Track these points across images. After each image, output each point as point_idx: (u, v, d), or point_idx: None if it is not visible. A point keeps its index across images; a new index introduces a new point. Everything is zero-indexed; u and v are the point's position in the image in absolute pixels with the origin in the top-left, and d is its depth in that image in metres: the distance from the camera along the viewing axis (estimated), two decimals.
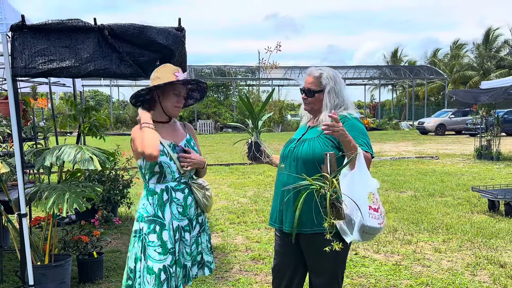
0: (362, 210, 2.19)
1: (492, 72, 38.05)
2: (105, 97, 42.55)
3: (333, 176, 2.16)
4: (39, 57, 3.20)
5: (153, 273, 2.50)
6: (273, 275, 2.77)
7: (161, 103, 2.64)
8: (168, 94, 2.61)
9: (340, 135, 2.23)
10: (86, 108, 4.68)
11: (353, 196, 2.19)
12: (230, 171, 11.52)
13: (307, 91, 2.59)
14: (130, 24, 3.42)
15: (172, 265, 2.56)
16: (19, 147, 3.33)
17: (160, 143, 2.57)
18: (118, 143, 7.16)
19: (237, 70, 36.09)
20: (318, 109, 2.59)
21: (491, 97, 12.19)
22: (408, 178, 9.93)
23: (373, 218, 2.23)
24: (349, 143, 2.26)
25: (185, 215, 2.64)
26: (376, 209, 2.26)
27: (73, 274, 4.12)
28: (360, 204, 2.19)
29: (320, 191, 2.13)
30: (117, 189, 6.28)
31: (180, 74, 2.63)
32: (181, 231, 2.64)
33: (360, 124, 2.53)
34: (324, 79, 2.56)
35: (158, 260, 2.51)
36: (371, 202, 2.25)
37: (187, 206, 2.65)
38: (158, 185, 2.58)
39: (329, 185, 2.14)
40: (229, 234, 5.73)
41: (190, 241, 2.69)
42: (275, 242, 2.75)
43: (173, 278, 2.56)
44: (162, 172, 2.58)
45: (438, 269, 4.41)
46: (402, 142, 20.64)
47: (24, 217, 3.33)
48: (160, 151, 2.56)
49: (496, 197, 6.46)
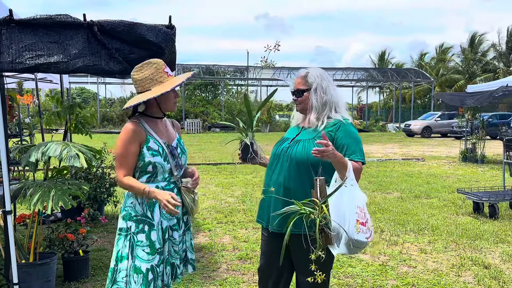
0: (349, 225, 2.21)
1: (477, 76, 38.56)
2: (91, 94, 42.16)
3: (323, 202, 2.18)
4: (26, 52, 3.15)
5: (140, 273, 2.48)
6: (260, 275, 2.77)
7: (159, 104, 2.58)
8: (166, 94, 2.53)
9: (331, 157, 2.25)
10: (71, 105, 4.63)
11: (340, 209, 2.22)
12: (218, 171, 11.49)
13: (296, 91, 2.62)
14: (120, 21, 3.38)
15: (159, 265, 2.54)
16: (5, 143, 3.28)
17: (156, 141, 2.56)
18: (105, 141, 7.09)
19: (226, 69, 36.02)
20: (305, 109, 2.61)
21: (477, 101, 12.36)
22: (395, 180, 10.01)
23: (360, 232, 2.25)
24: (339, 162, 2.29)
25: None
26: (364, 223, 2.27)
27: (58, 272, 4.07)
28: (348, 218, 2.22)
29: (310, 216, 2.16)
30: (103, 187, 6.22)
31: (168, 68, 2.59)
32: (169, 231, 2.62)
33: (354, 130, 2.55)
34: (310, 77, 2.58)
35: (146, 260, 2.50)
36: (359, 216, 2.26)
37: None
38: (148, 185, 2.54)
39: (319, 211, 2.16)
40: (216, 233, 5.71)
41: (179, 239, 2.68)
42: (262, 242, 2.74)
43: (159, 277, 2.55)
44: (154, 172, 2.55)
45: (423, 269, 4.46)
46: (388, 144, 20.81)
47: (9, 214, 3.28)
48: (155, 150, 2.53)
49: (480, 199, 6.55)
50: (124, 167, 2.50)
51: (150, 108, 2.61)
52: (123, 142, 2.50)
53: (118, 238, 2.58)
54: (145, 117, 2.60)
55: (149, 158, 2.51)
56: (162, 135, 2.61)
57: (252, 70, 35.93)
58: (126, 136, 2.50)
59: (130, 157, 2.50)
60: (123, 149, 2.50)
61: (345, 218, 2.21)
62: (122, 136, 2.52)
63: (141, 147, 2.52)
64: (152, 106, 2.60)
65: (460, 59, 42.27)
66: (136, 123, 2.54)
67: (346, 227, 2.21)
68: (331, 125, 2.52)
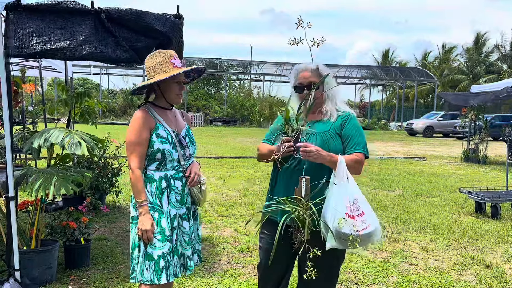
0: (335, 219, 2.25)
1: (481, 76, 38.45)
2: (94, 85, 42.07)
3: (306, 200, 2.26)
4: (33, 37, 3.13)
5: (152, 260, 2.48)
6: (260, 272, 2.74)
7: (162, 93, 2.59)
8: (168, 84, 2.56)
9: (318, 159, 2.32)
10: (78, 93, 4.61)
11: (329, 203, 2.29)
12: (219, 164, 11.48)
13: (310, 85, 2.50)
14: (128, 9, 3.36)
15: (169, 253, 2.53)
16: (9, 129, 3.26)
17: (165, 129, 2.56)
18: (108, 131, 7.08)
19: (229, 63, 35.95)
20: (321, 100, 2.55)
21: (481, 101, 12.33)
22: (396, 178, 10.00)
23: (349, 225, 2.25)
24: (330, 162, 2.35)
25: (182, 203, 2.62)
26: (353, 216, 2.28)
27: (59, 260, 4.06)
28: (336, 212, 2.26)
29: (294, 213, 2.24)
30: (105, 176, 6.21)
31: (177, 60, 2.58)
32: (178, 219, 2.61)
33: (359, 124, 2.59)
34: (322, 70, 2.55)
35: (157, 246, 2.49)
36: (349, 210, 2.29)
37: (184, 194, 2.63)
38: (156, 172, 2.54)
39: (304, 209, 2.23)
40: (218, 226, 5.71)
41: (189, 229, 2.67)
42: (262, 240, 2.68)
43: (171, 265, 2.54)
44: (163, 160, 2.54)
45: (425, 267, 4.45)
46: (390, 142, 20.78)
47: (12, 200, 3.27)
48: (164, 138, 2.53)
49: (483, 199, 6.53)
50: (136, 155, 2.49)
51: (158, 97, 2.63)
52: (135, 129, 2.50)
53: (131, 227, 2.58)
54: (154, 106, 2.61)
55: (158, 145, 2.51)
56: (171, 124, 2.61)
57: (255, 64, 35.87)
58: (137, 123, 2.50)
59: (142, 145, 2.49)
60: (135, 136, 2.49)
61: (333, 213, 2.26)
62: (133, 124, 2.52)
63: (150, 134, 2.52)
64: (159, 96, 2.62)
65: (464, 59, 42.16)
66: (145, 111, 2.56)
67: (332, 221, 2.25)
68: (342, 116, 2.54)
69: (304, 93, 2.50)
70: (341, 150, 2.46)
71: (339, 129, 2.50)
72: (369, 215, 2.35)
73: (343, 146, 2.48)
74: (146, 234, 2.45)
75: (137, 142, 2.49)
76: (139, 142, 2.49)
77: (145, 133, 2.50)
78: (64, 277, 3.93)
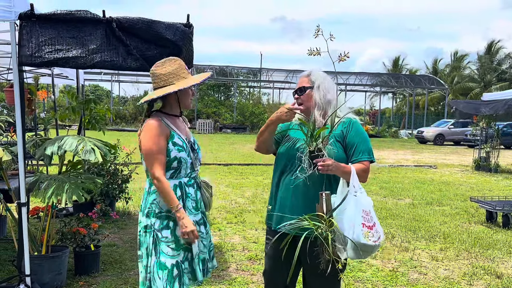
0: (355, 230, 2.24)
1: (493, 84, 38.12)
2: (105, 92, 42.46)
3: (329, 216, 2.23)
4: (46, 46, 3.19)
5: (165, 269, 2.47)
6: (266, 279, 2.74)
7: (179, 99, 2.60)
8: (187, 90, 2.58)
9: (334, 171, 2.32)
10: (86, 100, 4.67)
11: (346, 215, 2.27)
12: (228, 171, 11.50)
13: (299, 89, 2.59)
14: (138, 18, 3.41)
15: (184, 261, 2.53)
16: (22, 135, 3.31)
17: (180, 137, 2.57)
18: (118, 138, 7.14)
19: (239, 71, 36.08)
20: (309, 106, 2.55)
21: (492, 109, 12.22)
22: (406, 186, 9.93)
23: (367, 236, 2.27)
24: (343, 172, 2.35)
25: (197, 209, 2.64)
26: (370, 227, 2.30)
27: (69, 266, 4.10)
28: (354, 223, 2.25)
29: (317, 230, 2.21)
30: (116, 183, 6.26)
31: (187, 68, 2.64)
32: (196, 226, 2.61)
33: (363, 129, 2.57)
34: (313, 76, 2.59)
35: (171, 255, 2.49)
36: (365, 220, 2.29)
37: (198, 200, 2.65)
38: (171, 181, 2.52)
39: (326, 225, 2.21)
40: (226, 233, 5.72)
41: (207, 233, 2.69)
42: (268, 246, 2.68)
43: (184, 274, 2.54)
44: (178, 168, 2.54)
45: (434, 277, 4.41)
46: (400, 150, 20.66)
47: (24, 206, 3.31)
48: (180, 146, 2.54)
49: (494, 209, 6.46)
50: (159, 163, 2.46)
51: (168, 105, 2.62)
52: (153, 138, 2.47)
53: (145, 235, 2.55)
54: (164, 114, 2.60)
55: (175, 154, 2.51)
56: (182, 131, 2.63)
57: (265, 72, 35.96)
58: (154, 132, 2.48)
59: (162, 153, 2.48)
60: (154, 144, 2.46)
61: (351, 224, 2.25)
62: (149, 133, 2.48)
63: (167, 142, 2.51)
64: (171, 102, 2.61)
65: (476, 66, 41.85)
66: (158, 119, 2.54)
67: (351, 232, 2.24)
68: (343, 122, 2.51)
69: (295, 96, 2.59)
70: (343, 157, 2.45)
71: (340, 136, 2.48)
72: (378, 226, 2.36)
73: (348, 154, 2.48)
74: (192, 234, 2.43)
75: (158, 150, 2.46)
76: (159, 150, 2.46)
77: (163, 142, 2.48)
78: (73, 283, 3.96)
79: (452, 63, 43.92)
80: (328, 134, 2.35)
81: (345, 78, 34.53)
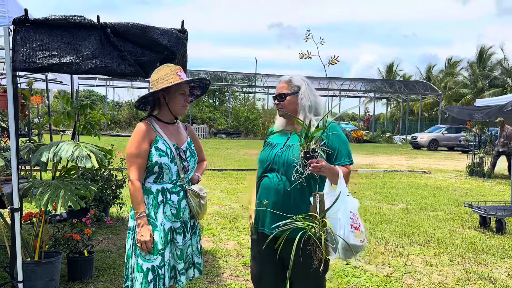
0: (345, 230, 2.31)
1: (485, 90, 38.38)
2: (99, 97, 42.37)
3: (322, 216, 2.27)
4: (40, 52, 3.18)
5: (141, 271, 2.52)
6: (255, 283, 2.75)
7: (168, 105, 2.64)
8: (174, 95, 2.62)
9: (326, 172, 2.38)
10: (82, 106, 4.66)
11: (335, 216, 2.32)
12: (223, 176, 11.49)
13: (279, 96, 2.64)
14: (133, 24, 3.41)
15: (161, 267, 2.54)
16: (15, 141, 3.30)
17: (165, 142, 2.59)
18: (112, 143, 7.12)
19: (234, 76, 36.12)
20: (291, 111, 2.60)
21: (486, 115, 12.29)
22: (401, 191, 9.96)
23: (355, 236, 2.33)
24: (332, 174, 2.41)
25: (178, 217, 2.65)
26: (357, 228, 2.36)
27: (62, 272, 4.07)
28: (343, 224, 2.32)
29: (311, 231, 2.24)
30: (109, 188, 6.23)
31: (182, 73, 2.65)
32: (173, 233, 2.63)
33: (341, 131, 2.64)
34: (296, 81, 2.63)
35: (148, 259, 2.53)
36: (352, 221, 2.36)
37: (181, 209, 2.65)
38: (154, 185, 2.59)
39: (320, 225, 2.25)
40: (220, 238, 5.70)
41: (184, 244, 2.68)
42: (253, 249, 2.72)
43: (161, 279, 2.55)
44: (160, 173, 2.59)
45: (428, 282, 4.42)
46: (395, 156, 20.73)
47: (17, 211, 3.29)
48: (163, 151, 2.57)
49: (487, 214, 6.49)
50: (136, 167, 2.54)
51: (162, 111, 2.68)
52: (135, 141, 2.56)
53: (127, 237, 2.64)
54: (156, 120, 2.67)
55: (156, 158, 2.56)
56: (171, 137, 2.65)
57: (259, 77, 36.02)
58: (138, 135, 2.56)
59: (141, 157, 2.54)
60: (135, 148, 2.54)
61: (340, 224, 2.32)
62: (134, 136, 2.58)
63: (150, 146, 2.56)
64: (164, 108, 2.66)
65: (468, 73, 42.11)
66: (146, 123, 2.61)
67: (342, 233, 2.31)
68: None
69: (275, 102, 2.66)
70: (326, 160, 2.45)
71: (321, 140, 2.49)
72: (362, 226, 2.42)
73: (329, 158, 2.50)
74: (145, 245, 2.48)
75: (137, 154, 2.54)
76: (139, 154, 2.54)
77: (145, 145, 2.55)
78: None
79: (446, 69, 44.19)
80: (321, 135, 2.40)
81: (340, 83, 34.67)
